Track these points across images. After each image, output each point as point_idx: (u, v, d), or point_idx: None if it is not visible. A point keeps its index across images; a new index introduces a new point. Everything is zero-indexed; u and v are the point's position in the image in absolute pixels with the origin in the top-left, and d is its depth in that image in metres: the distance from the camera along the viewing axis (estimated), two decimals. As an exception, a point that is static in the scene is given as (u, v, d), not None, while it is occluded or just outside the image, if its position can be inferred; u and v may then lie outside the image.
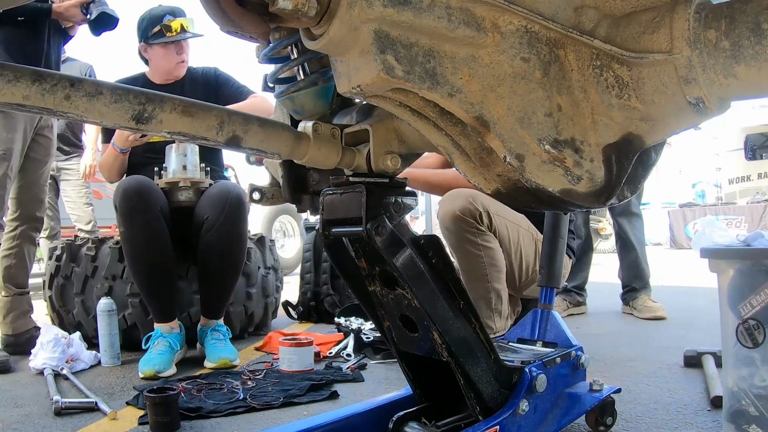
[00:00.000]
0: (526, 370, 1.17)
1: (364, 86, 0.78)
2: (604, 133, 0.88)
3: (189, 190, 2.36)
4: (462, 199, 2.07)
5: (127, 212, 2.13)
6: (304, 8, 0.73)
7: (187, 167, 2.35)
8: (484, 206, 2.08)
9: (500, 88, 0.82)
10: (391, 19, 0.74)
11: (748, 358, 1.18)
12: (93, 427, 1.56)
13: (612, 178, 0.90)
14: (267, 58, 1.07)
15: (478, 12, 0.80)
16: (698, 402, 1.59)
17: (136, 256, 2.16)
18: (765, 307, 1.15)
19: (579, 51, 0.85)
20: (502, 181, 0.90)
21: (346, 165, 1.07)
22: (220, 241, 2.24)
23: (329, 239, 1.13)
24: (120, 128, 0.88)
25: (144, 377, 2.02)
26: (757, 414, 1.17)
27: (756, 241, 1.27)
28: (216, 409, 1.62)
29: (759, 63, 0.72)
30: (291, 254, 6.41)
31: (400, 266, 1.02)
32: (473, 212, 2.06)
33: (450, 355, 1.07)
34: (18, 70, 0.78)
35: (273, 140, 0.98)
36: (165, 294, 2.23)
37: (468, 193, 2.09)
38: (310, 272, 3.33)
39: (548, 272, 1.57)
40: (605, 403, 1.35)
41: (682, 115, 0.82)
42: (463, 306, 1.09)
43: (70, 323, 2.61)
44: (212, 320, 2.33)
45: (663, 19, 0.78)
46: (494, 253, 2.12)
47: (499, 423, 1.09)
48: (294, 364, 2.02)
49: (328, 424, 1.18)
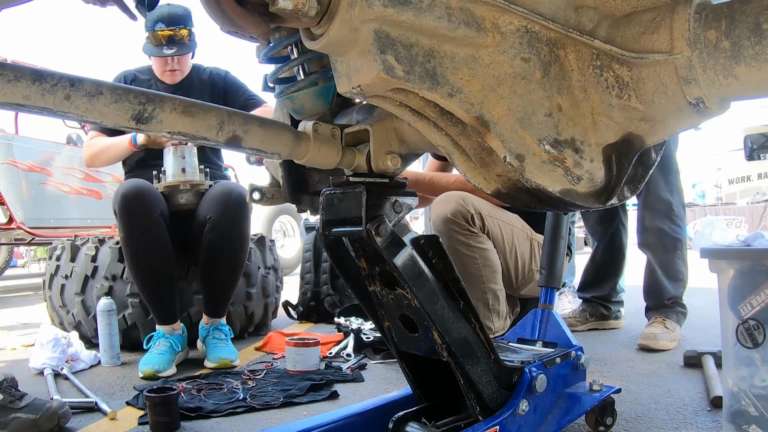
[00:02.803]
0: (526, 370, 1.17)
1: (365, 86, 0.78)
2: (605, 134, 0.88)
3: (189, 193, 2.35)
4: (453, 202, 2.07)
5: (126, 217, 2.13)
6: (305, 8, 0.73)
7: (185, 170, 2.34)
8: (475, 208, 2.07)
9: (500, 88, 0.82)
10: (392, 19, 0.74)
11: (748, 358, 1.18)
12: (93, 427, 1.56)
13: (612, 179, 0.90)
14: (267, 58, 1.07)
15: (478, 12, 0.80)
16: (698, 402, 1.59)
17: (137, 261, 2.16)
18: (765, 307, 1.15)
19: (579, 51, 0.85)
20: (502, 181, 0.90)
21: (346, 165, 1.07)
22: (223, 240, 2.25)
23: (329, 239, 1.12)
24: (120, 128, 0.88)
25: (144, 377, 2.02)
26: (757, 414, 1.17)
27: (756, 242, 1.27)
28: (216, 409, 1.62)
29: (759, 63, 0.72)
30: (291, 254, 6.41)
31: (400, 266, 1.02)
32: (465, 214, 2.06)
33: (450, 355, 1.07)
34: (18, 70, 0.78)
35: (273, 140, 0.98)
36: (166, 297, 2.23)
37: (459, 196, 2.08)
38: (310, 272, 3.33)
39: (548, 272, 1.57)
40: (605, 403, 1.35)
41: (682, 115, 0.82)
42: (463, 306, 1.09)
43: (69, 323, 2.61)
44: (215, 319, 2.33)
45: (663, 20, 0.78)
46: (488, 254, 2.12)
47: (499, 423, 1.09)
48: (299, 364, 2.02)
49: (328, 424, 1.18)
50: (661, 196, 2.42)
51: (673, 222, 2.43)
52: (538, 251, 2.26)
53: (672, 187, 2.45)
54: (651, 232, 2.45)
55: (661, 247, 2.44)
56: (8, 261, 7.01)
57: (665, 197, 2.42)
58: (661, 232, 2.42)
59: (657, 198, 2.42)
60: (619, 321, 2.77)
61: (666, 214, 2.43)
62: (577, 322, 2.71)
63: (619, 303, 2.78)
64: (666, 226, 2.42)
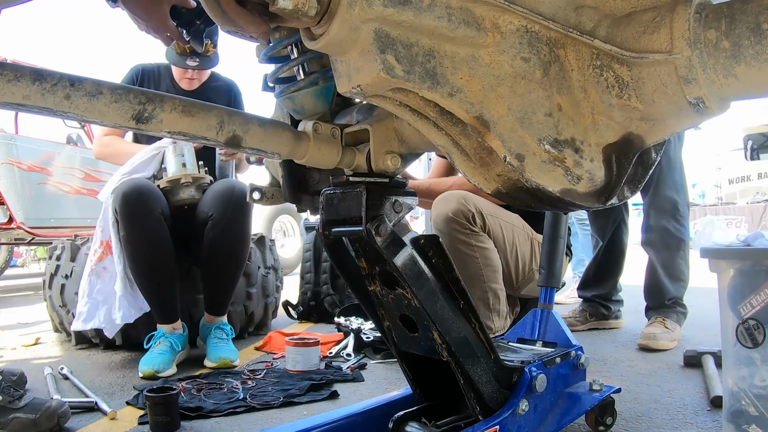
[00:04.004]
0: (526, 370, 1.17)
1: (365, 86, 0.78)
2: (604, 133, 0.88)
3: (191, 187, 2.34)
4: (454, 201, 2.07)
5: (127, 216, 2.13)
6: (305, 8, 0.73)
7: (186, 165, 2.35)
8: (476, 207, 2.07)
9: (500, 87, 0.82)
10: (392, 18, 0.74)
11: (748, 358, 1.18)
12: (93, 426, 1.56)
13: (612, 178, 0.90)
14: (267, 58, 1.07)
15: (478, 12, 0.80)
16: (698, 402, 1.59)
17: (138, 260, 2.16)
18: (765, 307, 1.15)
19: (579, 51, 0.85)
20: (502, 181, 0.90)
21: (346, 165, 1.07)
22: (226, 238, 2.25)
23: (329, 239, 1.12)
24: (120, 128, 0.88)
25: (143, 377, 2.02)
26: (757, 414, 1.17)
27: (756, 241, 1.27)
28: (216, 408, 1.62)
29: (759, 63, 0.72)
30: (291, 254, 6.41)
31: (400, 266, 1.02)
32: (466, 213, 2.06)
33: (450, 355, 1.07)
34: (18, 70, 0.78)
35: (273, 140, 0.98)
36: (168, 296, 2.23)
37: (460, 195, 2.08)
38: (310, 272, 3.33)
39: (548, 272, 1.57)
40: (605, 403, 1.35)
41: (682, 115, 0.82)
42: (463, 306, 1.09)
43: (70, 323, 2.60)
44: (217, 318, 2.33)
45: (663, 19, 0.78)
46: (489, 253, 2.12)
47: (499, 423, 1.09)
48: (299, 364, 2.02)
49: (328, 424, 1.18)
50: (668, 195, 2.41)
51: (678, 221, 2.42)
52: (539, 251, 2.25)
53: (677, 185, 2.44)
54: (655, 231, 2.44)
55: (664, 246, 2.43)
56: (8, 261, 7.01)
57: (672, 196, 2.41)
58: (665, 231, 2.42)
59: (664, 197, 2.41)
60: (619, 321, 2.77)
61: (671, 213, 2.42)
62: (577, 321, 2.70)
63: (619, 302, 2.78)
64: (671, 225, 2.41)
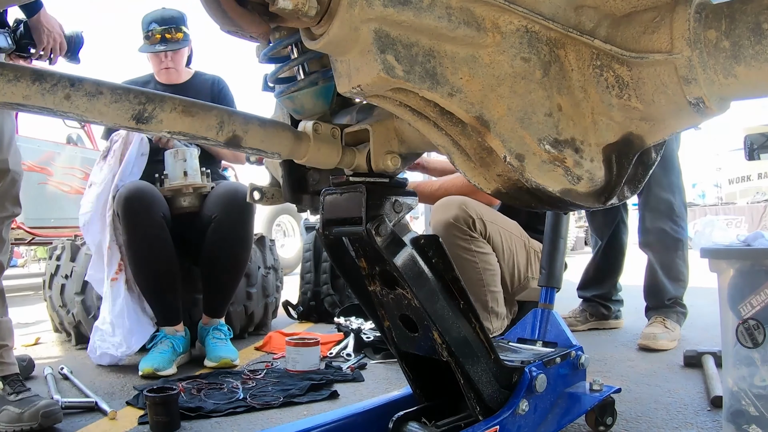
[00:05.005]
0: (526, 370, 1.17)
1: (365, 86, 0.78)
2: (605, 133, 0.88)
3: (191, 196, 2.36)
4: (455, 207, 2.07)
5: (129, 220, 2.14)
6: (305, 8, 0.73)
7: (187, 173, 2.34)
8: (477, 213, 2.08)
9: (500, 88, 0.82)
10: (392, 18, 0.74)
11: (748, 358, 1.18)
12: (93, 426, 1.56)
13: (612, 178, 0.90)
14: (267, 58, 1.07)
15: (479, 12, 0.80)
16: (698, 402, 1.59)
17: (140, 263, 2.17)
18: (765, 307, 1.15)
19: (579, 51, 0.85)
20: (502, 181, 0.90)
21: (346, 165, 1.07)
22: (228, 241, 2.26)
23: (329, 239, 1.12)
24: (120, 128, 0.88)
25: (143, 375, 2.02)
26: (757, 414, 1.17)
27: (756, 241, 1.27)
28: (216, 408, 1.62)
29: (759, 63, 0.72)
30: (291, 254, 6.41)
31: (400, 266, 1.02)
32: (466, 219, 2.06)
33: (450, 355, 1.07)
34: (18, 70, 0.78)
35: (273, 140, 0.98)
36: (169, 299, 2.24)
37: (460, 201, 2.09)
38: (310, 272, 3.33)
39: (548, 272, 1.57)
40: (605, 403, 1.35)
41: (682, 115, 0.82)
42: (463, 306, 1.09)
43: (69, 323, 2.61)
44: (214, 319, 2.33)
45: (663, 19, 0.78)
46: (489, 258, 2.13)
47: (499, 423, 1.09)
48: (299, 364, 2.02)
49: (328, 424, 1.18)
50: (662, 196, 2.40)
51: (675, 222, 2.41)
52: (535, 259, 2.27)
53: (673, 186, 2.43)
54: (652, 233, 2.44)
55: (662, 247, 2.43)
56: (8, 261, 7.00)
57: (666, 197, 2.40)
58: (662, 232, 2.41)
59: (658, 198, 2.41)
60: (619, 321, 2.77)
61: (667, 214, 2.41)
62: (577, 321, 2.70)
63: (619, 302, 2.78)
64: (667, 226, 2.41)
